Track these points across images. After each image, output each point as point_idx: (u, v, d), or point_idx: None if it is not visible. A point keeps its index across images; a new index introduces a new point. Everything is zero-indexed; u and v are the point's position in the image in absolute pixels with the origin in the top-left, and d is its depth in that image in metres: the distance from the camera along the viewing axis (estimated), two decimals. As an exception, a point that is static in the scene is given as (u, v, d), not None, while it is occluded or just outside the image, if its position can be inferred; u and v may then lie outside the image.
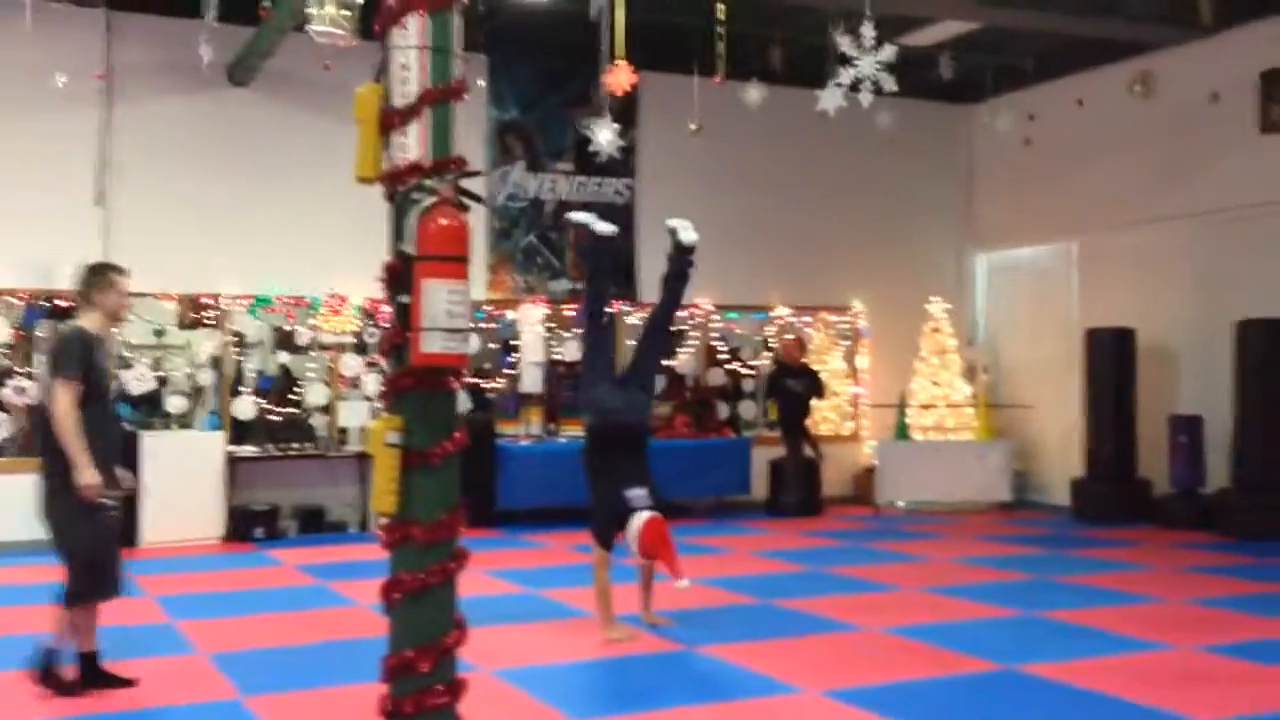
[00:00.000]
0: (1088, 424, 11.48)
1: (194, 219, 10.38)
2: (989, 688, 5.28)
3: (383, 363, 2.33)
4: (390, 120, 2.67)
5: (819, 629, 6.51)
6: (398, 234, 2.71)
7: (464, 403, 11.23)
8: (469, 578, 7.99)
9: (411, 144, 2.68)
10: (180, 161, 10.41)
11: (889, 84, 7.92)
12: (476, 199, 2.77)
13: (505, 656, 5.88)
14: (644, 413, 6.60)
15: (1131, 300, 11.68)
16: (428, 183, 2.68)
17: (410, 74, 2.65)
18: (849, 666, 5.64)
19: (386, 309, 2.81)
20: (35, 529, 9.57)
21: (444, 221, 2.65)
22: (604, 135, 9.73)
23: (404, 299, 2.68)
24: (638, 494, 6.09)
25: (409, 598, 2.76)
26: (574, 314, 11.78)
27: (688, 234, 6.67)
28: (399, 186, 2.73)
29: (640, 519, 5.93)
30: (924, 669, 5.58)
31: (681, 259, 6.71)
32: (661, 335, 7.02)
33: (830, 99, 8.08)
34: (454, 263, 2.65)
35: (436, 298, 2.64)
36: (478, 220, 11.31)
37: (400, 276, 2.70)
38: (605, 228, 6.68)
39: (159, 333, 10.62)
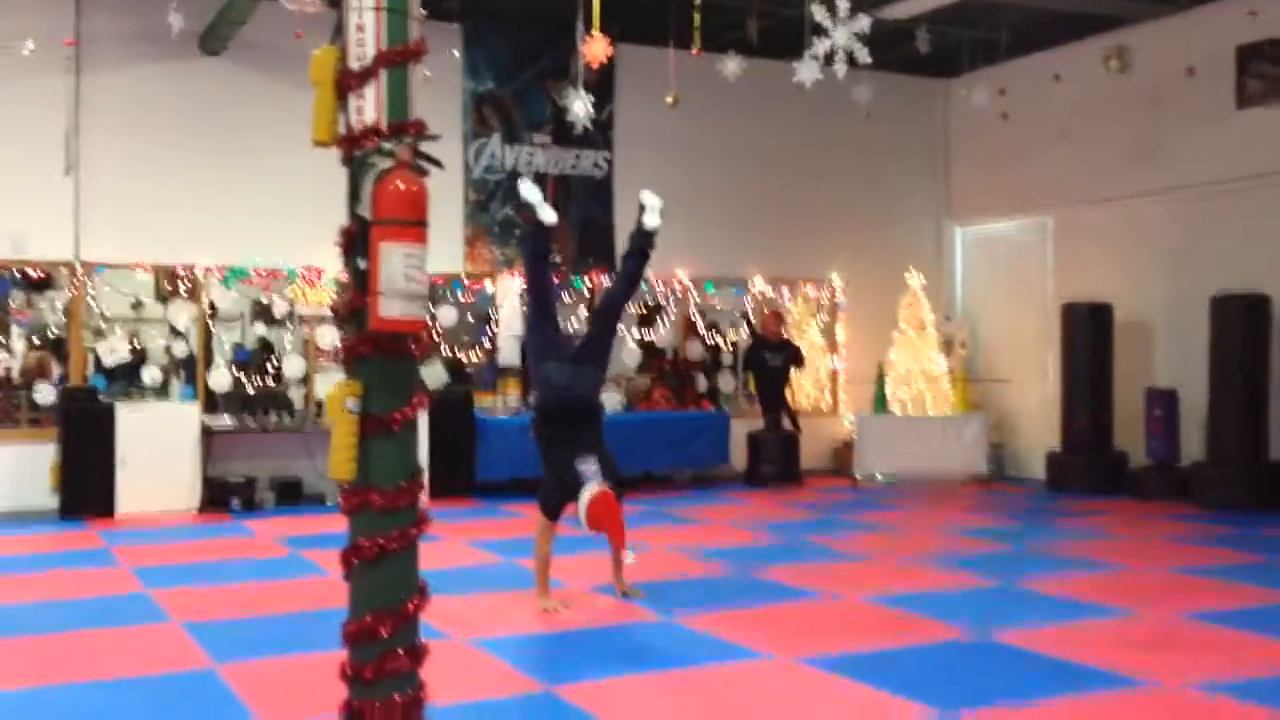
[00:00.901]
0: (1064, 398, 11.53)
1: (167, 190, 10.30)
2: (961, 655, 5.32)
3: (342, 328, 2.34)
4: (346, 83, 2.64)
5: (794, 598, 6.54)
6: (354, 198, 2.69)
7: (442, 375, 11.23)
8: (447, 547, 8.07)
9: (368, 107, 2.66)
10: (152, 131, 10.31)
11: (863, 56, 7.90)
12: (435, 163, 2.75)
13: (480, 625, 5.90)
14: (593, 388, 6.55)
15: (1108, 275, 11.71)
16: (385, 146, 2.66)
17: (366, 35, 2.62)
18: (822, 634, 5.67)
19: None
20: (6, 499, 9.64)
21: (401, 185, 2.63)
22: (580, 107, 9.68)
23: (361, 263, 2.66)
24: (588, 467, 6.09)
25: (368, 564, 2.75)
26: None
27: (653, 218, 6.63)
28: (356, 150, 2.71)
29: (588, 492, 5.94)
30: (897, 637, 5.62)
31: (643, 239, 6.70)
32: (617, 312, 6.98)
33: (807, 71, 8.06)
34: (411, 227, 2.63)
35: (394, 262, 2.62)
36: (455, 193, 11.41)
37: (357, 241, 2.68)
38: (549, 216, 6.52)
39: (136, 305, 10.57)
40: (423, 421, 10.44)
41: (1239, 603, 6.32)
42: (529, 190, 6.62)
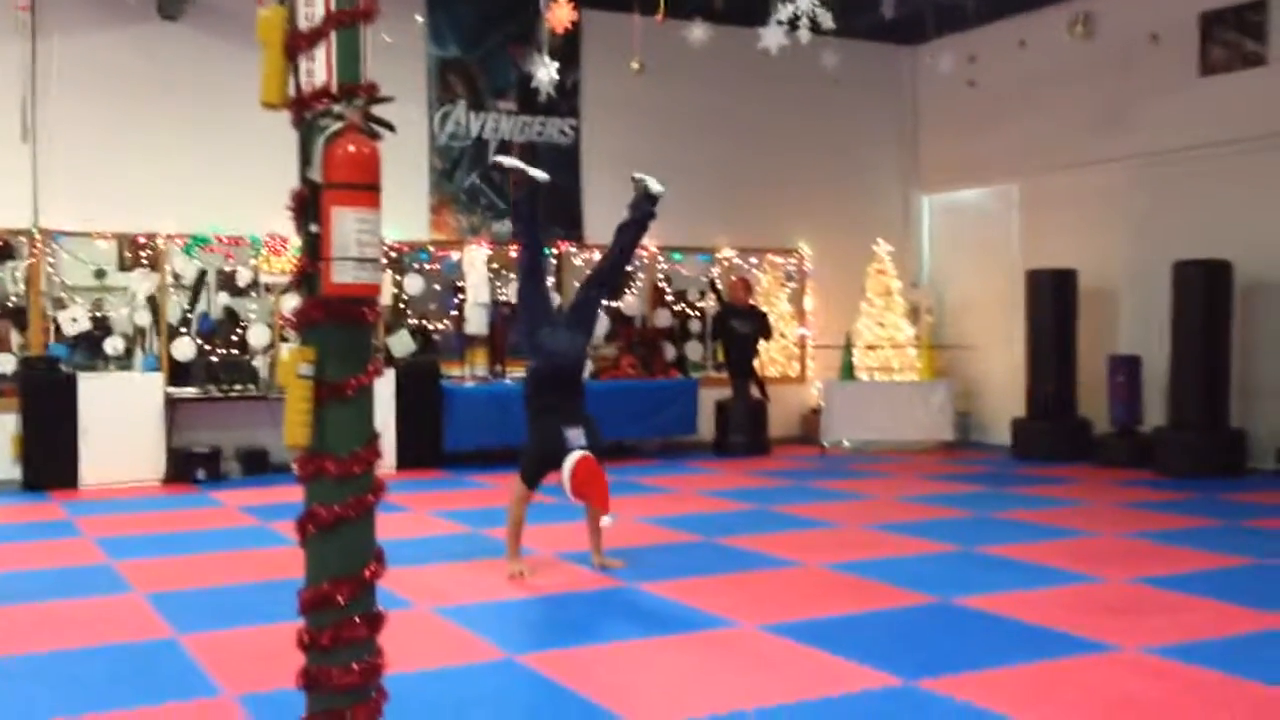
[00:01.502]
0: (1029, 364, 11.61)
1: (127, 157, 10.18)
2: (923, 619, 5.37)
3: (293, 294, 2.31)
4: (296, 44, 2.60)
5: (760, 565, 6.57)
6: (305, 161, 2.66)
7: (409, 344, 11.18)
8: (413, 518, 8.05)
9: (318, 69, 2.62)
10: (110, 97, 10.17)
11: (827, 21, 7.88)
12: (387, 126, 2.72)
13: (445, 594, 5.89)
14: (582, 354, 6.63)
15: (1072, 242, 11.79)
16: (336, 109, 2.62)
17: (315, -5, 2.58)
18: (787, 601, 5.70)
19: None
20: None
21: (352, 148, 2.59)
22: (544, 73, 9.61)
23: (313, 228, 2.63)
24: (575, 434, 6.11)
25: (325, 531, 2.73)
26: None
27: (656, 184, 6.69)
28: (306, 113, 2.67)
29: (572, 459, 5.95)
30: (860, 603, 5.65)
31: (644, 208, 6.71)
32: (609, 281, 7.01)
33: (772, 37, 8.03)
34: (363, 191, 2.60)
35: (346, 227, 2.59)
36: (420, 160, 11.32)
37: (308, 205, 2.65)
38: (542, 174, 6.53)
39: (100, 274, 10.45)
40: (389, 391, 10.50)
41: (1196, 566, 6.40)
42: (510, 160, 6.66)
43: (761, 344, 12.24)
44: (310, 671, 2.78)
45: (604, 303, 7.13)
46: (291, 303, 10.53)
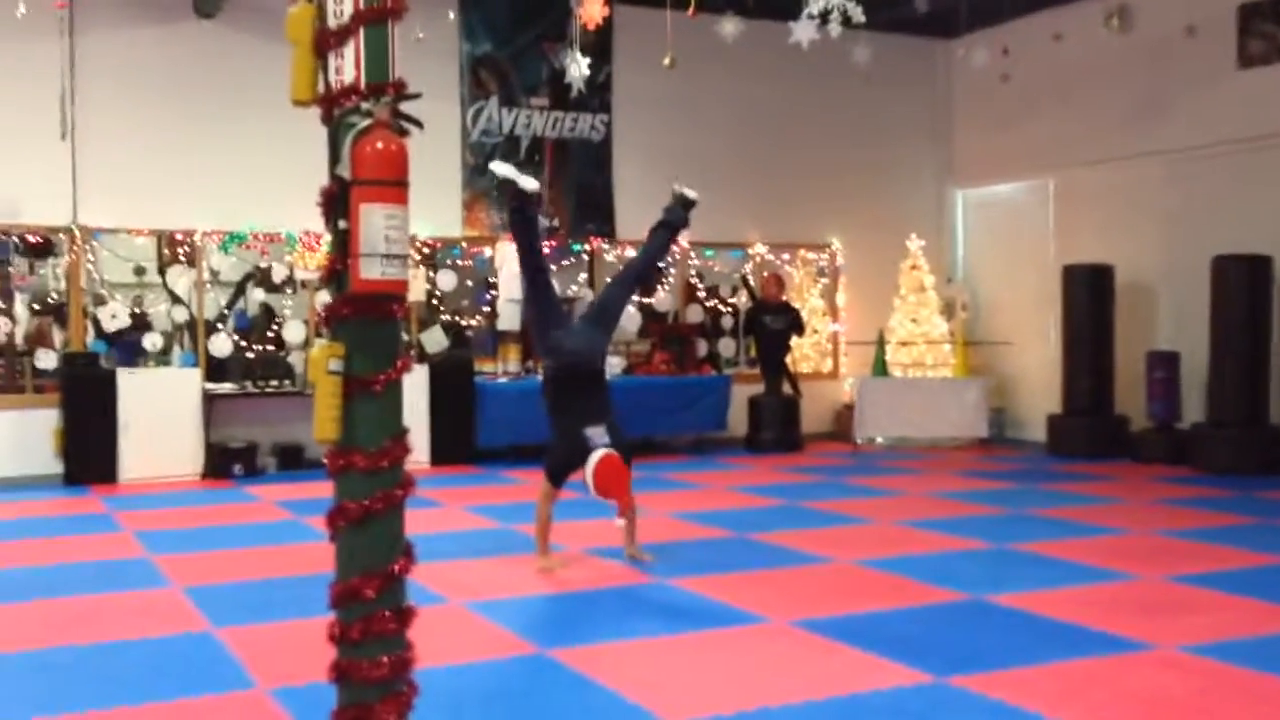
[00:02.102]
0: (1065, 360, 11.52)
1: (163, 155, 10.28)
2: (955, 616, 5.34)
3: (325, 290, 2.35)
4: (325, 41, 2.63)
5: (791, 562, 6.56)
6: (334, 158, 2.68)
7: (442, 340, 11.23)
8: (446, 513, 8.08)
9: (347, 66, 2.64)
10: (147, 95, 10.28)
11: (858, 14, 7.84)
12: (415, 123, 2.74)
13: (477, 589, 5.93)
14: (599, 351, 6.55)
15: (1109, 237, 11.68)
16: (364, 106, 2.64)
17: (344, -8, 2.60)
18: (817, 597, 5.69)
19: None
20: (10, 465, 9.69)
21: (380, 145, 2.61)
22: (575, 69, 9.62)
23: (342, 225, 2.66)
24: (596, 432, 6.12)
25: (354, 525, 2.76)
26: (550, 251, 11.73)
27: (692, 191, 6.84)
28: (335, 110, 2.69)
29: (595, 457, 5.96)
30: (891, 599, 5.64)
31: (678, 213, 6.81)
32: (637, 281, 7.07)
33: (803, 31, 7.99)
34: (391, 187, 2.62)
35: (374, 223, 2.61)
36: (453, 157, 11.36)
37: (337, 202, 2.67)
38: (530, 184, 6.34)
39: (139, 271, 10.57)
40: (423, 387, 10.55)
41: (1233, 564, 6.34)
42: (502, 168, 6.44)
43: (793, 340, 12.21)
44: (340, 664, 2.81)
45: (632, 301, 7.15)
46: (325, 299, 10.61)
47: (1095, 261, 11.39)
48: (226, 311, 10.71)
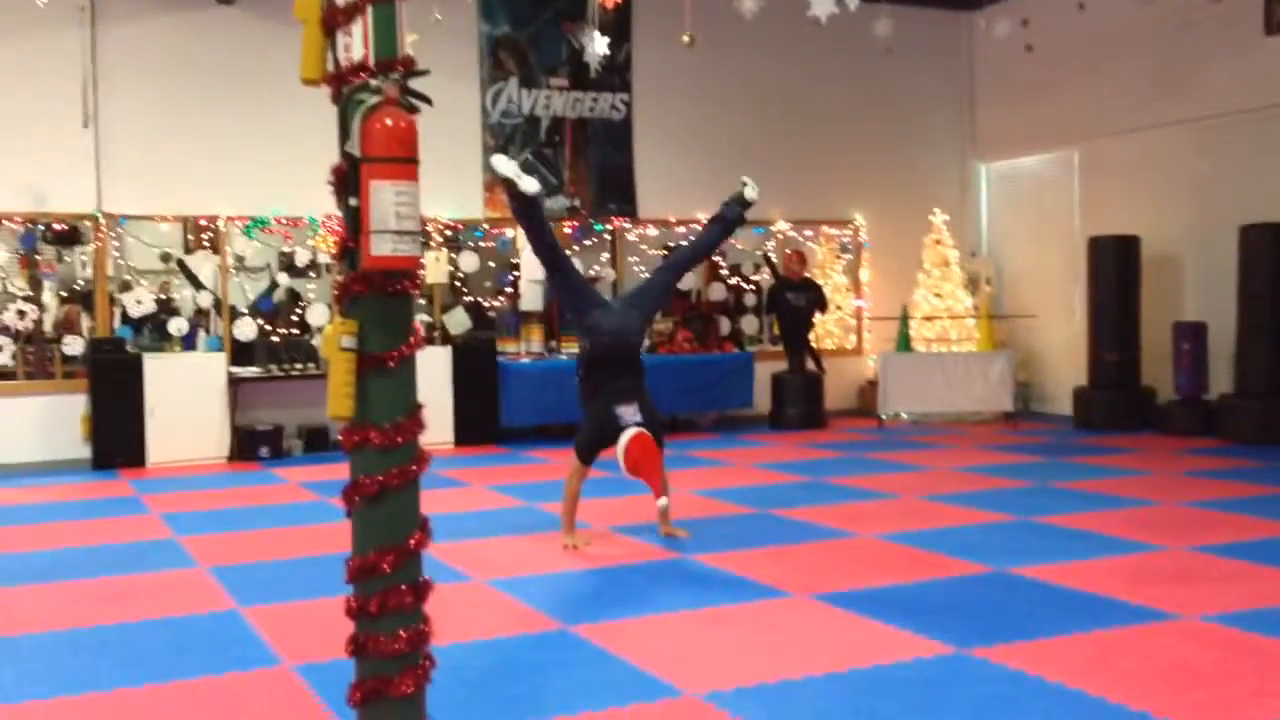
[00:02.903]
0: (1091, 333, 11.44)
1: (186, 141, 10.35)
2: (977, 588, 5.33)
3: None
4: (333, 19, 2.63)
5: (814, 536, 6.56)
6: (344, 136, 2.69)
7: (465, 321, 11.26)
8: (470, 493, 8.13)
9: (355, 44, 2.65)
10: (169, 81, 10.34)
11: (875, -14, 7.78)
12: (424, 99, 2.74)
13: (501, 566, 5.96)
14: (637, 332, 6.54)
15: (1135, 207, 11.57)
16: (373, 83, 2.64)
17: (350, -30, 2.61)
18: (841, 571, 5.69)
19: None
20: (40, 449, 9.80)
21: (389, 122, 2.62)
22: (595, 49, 9.59)
23: (353, 202, 2.67)
24: (628, 411, 6.12)
25: (370, 501, 2.78)
26: (571, 231, 11.76)
27: (753, 191, 6.81)
28: (344, 88, 2.70)
29: (627, 435, 5.96)
30: (914, 573, 5.63)
31: (735, 209, 6.82)
32: (683, 269, 7.16)
33: (821, 6, 7.94)
34: (401, 164, 2.62)
35: (384, 200, 2.61)
36: (473, 138, 11.37)
37: (348, 180, 2.68)
38: (531, 186, 6.06)
39: (165, 257, 10.64)
40: (446, 368, 10.59)
41: (1260, 534, 6.29)
42: (503, 165, 6.08)
43: (817, 317, 12.18)
44: (359, 639, 2.84)
45: (673, 290, 7.12)
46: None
47: (1121, 233, 11.29)
48: (251, 295, 10.80)
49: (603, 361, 6.34)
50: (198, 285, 10.47)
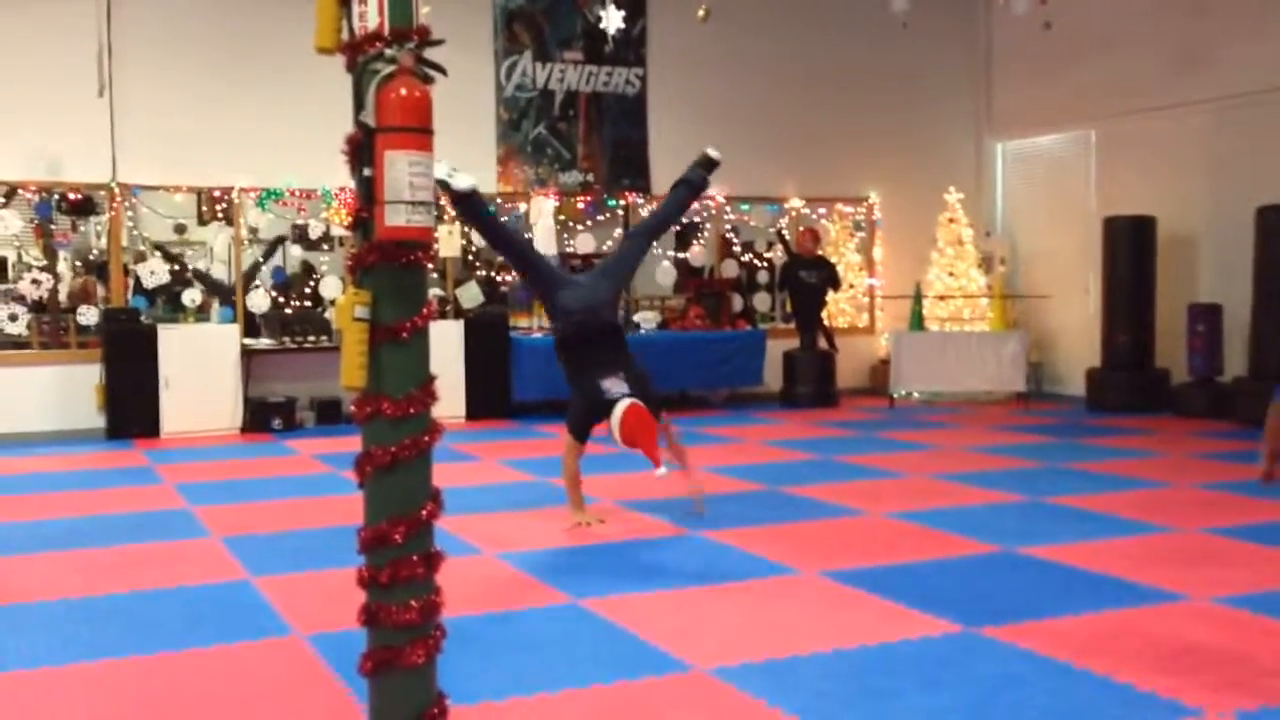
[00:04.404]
0: (1105, 314, 11.39)
1: (202, 111, 10.34)
2: (986, 567, 5.34)
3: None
4: (348, -12, 2.63)
5: (823, 514, 6.57)
6: (359, 106, 2.68)
7: (477, 295, 11.26)
8: (481, 466, 8.15)
9: (370, 13, 2.64)
10: (184, 52, 10.33)
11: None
12: (439, 69, 2.73)
13: (511, 540, 5.98)
14: (608, 301, 6.42)
15: (1151, 188, 11.50)
16: (388, 52, 2.64)
17: (366, -61, 2.60)
18: (849, 549, 5.70)
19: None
20: (55, 419, 9.84)
21: (404, 91, 2.61)
22: (609, 21, 9.55)
23: (367, 172, 2.66)
24: (613, 384, 6.03)
25: (382, 471, 2.79)
26: (585, 207, 11.75)
27: (714, 150, 6.74)
28: (359, 57, 2.69)
29: (620, 408, 5.88)
30: (923, 551, 5.64)
31: (698, 172, 6.75)
32: (652, 236, 6.96)
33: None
34: (416, 134, 2.62)
35: (398, 170, 2.61)
36: (487, 112, 11.34)
37: (362, 149, 2.68)
38: (463, 182, 6.06)
39: (180, 229, 10.66)
40: (458, 343, 10.61)
41: (1272, 517, 6.27)
42: (435, 168, 6.14)
43: (829, 295, 12.14)
44: (370, 608, 2.85)
45: (643, 258, 7.04)
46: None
47: (1137, 213, 11.23)
48: (263, 264, 10.81)
49: (577, 339, 6.26)
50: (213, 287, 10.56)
